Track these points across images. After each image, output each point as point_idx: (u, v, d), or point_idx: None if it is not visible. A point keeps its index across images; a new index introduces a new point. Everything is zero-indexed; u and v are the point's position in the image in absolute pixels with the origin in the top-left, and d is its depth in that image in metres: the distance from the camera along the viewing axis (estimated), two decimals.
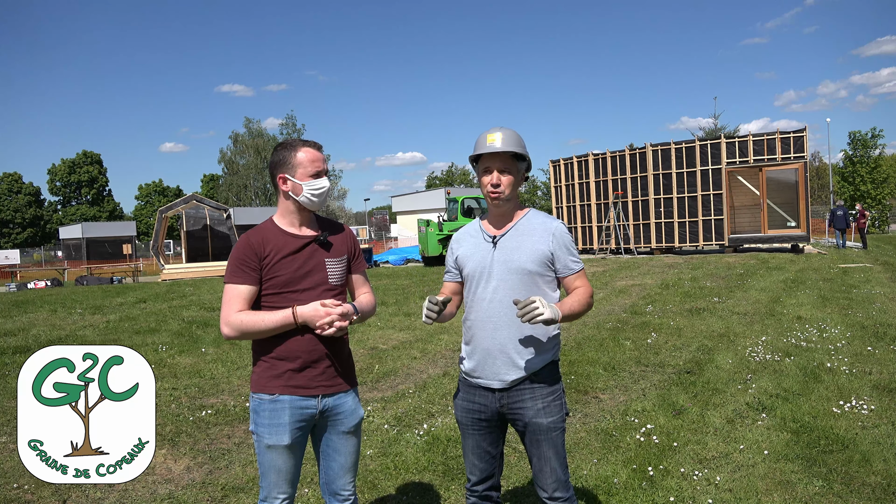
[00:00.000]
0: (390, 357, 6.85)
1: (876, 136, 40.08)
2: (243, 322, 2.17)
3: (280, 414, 2.20)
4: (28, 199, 62.94)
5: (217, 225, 25.79)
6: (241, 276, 2.20)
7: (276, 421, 2.20)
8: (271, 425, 2.20)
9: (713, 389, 5.08)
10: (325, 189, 2.27)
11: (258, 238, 2.24)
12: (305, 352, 2.21)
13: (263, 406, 2.21)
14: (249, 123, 55.91)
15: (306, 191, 2.24)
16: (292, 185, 2.25)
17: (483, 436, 2.35)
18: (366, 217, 57.13)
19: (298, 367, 2.21)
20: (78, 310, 12.28)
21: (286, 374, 2.21)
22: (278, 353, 2.21)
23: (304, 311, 2.18)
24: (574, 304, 2.22)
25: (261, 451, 2.24)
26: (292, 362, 2.21)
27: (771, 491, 3.29)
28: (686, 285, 11.73)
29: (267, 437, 2.20)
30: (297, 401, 2.21)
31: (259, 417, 2.23)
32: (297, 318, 2.17)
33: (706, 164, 18.94)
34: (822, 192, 49.72)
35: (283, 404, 2.20)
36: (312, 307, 2.18)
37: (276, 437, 2.20)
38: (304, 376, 2.22)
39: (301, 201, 2.26)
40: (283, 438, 2.20)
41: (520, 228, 2.31)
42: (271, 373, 2.22)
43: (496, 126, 2.29)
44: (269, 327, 2.17)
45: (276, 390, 2.20)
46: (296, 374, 2.21)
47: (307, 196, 2.25)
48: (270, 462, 2.22)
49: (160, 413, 4.93)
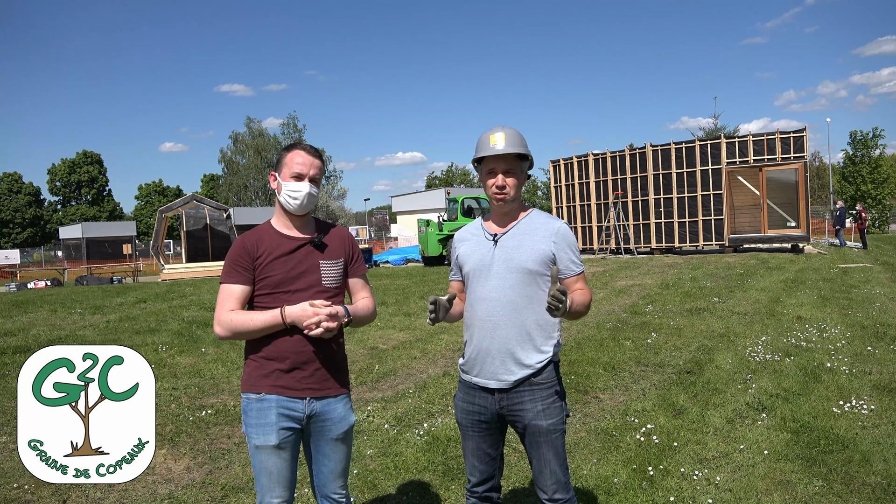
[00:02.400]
0: (390, 357, 6.84)
1: (877, 136, 40.10)
2: (233, 321, 2.17)
3: (266, 413, 2.19)
4: (28, 199, 62.97)
5: (217, 225, 25.80)
6: (234, 276, 2.21)
7: (263, 420, 2.19)
8: (258, 425, 2.19)
9: (713, 389, 5.08)
10: (302, 193, 2.21)
11: (252, 239, 2.25)
12: (294, 353, 2.20)
13: (251, 405, 2.21)
14: (251, 123, 55.90)
15: (284, 191, 2.23)
16: (277, 185, 2.26)
17: (483, 437, 2.33)
18: (366, 217, 57.11)
19: (287, 367, 2.20)
20: (78, 310, 12.27)
21: (274, 373, 2.20)
22: (267, 352, 2.21)
23: (293, 311, 2.17)
24: (580, 304, 2.18)
25: (252, 452, 2.23)
26: (281, 363, 2.20)
27: (771, 491, 3.29)
28: (686, 285, 11.73)
29: (255, 437, 2.19)
30: (283, 401, 2.20)
31: (247, 417, 2.22)
32: (285, 319, 2.16)
33: (706, 164, 18.95)
34: (822, 192, 49.71)
35: (269, 403, 2.19)
36: (300, 307, 2.17)
37: (263, 437, 2.18)
38: (292, 377, 2.20)
39: (280, 201, 2.25)
40: (271, 438, 2.18)
41: (522, 227, 2.28)
42: (259, 372, 2.21)
43: (497, 125, 2.27)
44: (259, 327, 2.17)
45: (263, 389, 2.19)
46: (284, 375, 2.20)
47: (284, 197, 2.23)
48: (260, 463, 2.21)
49: (160, 413, 4.93)
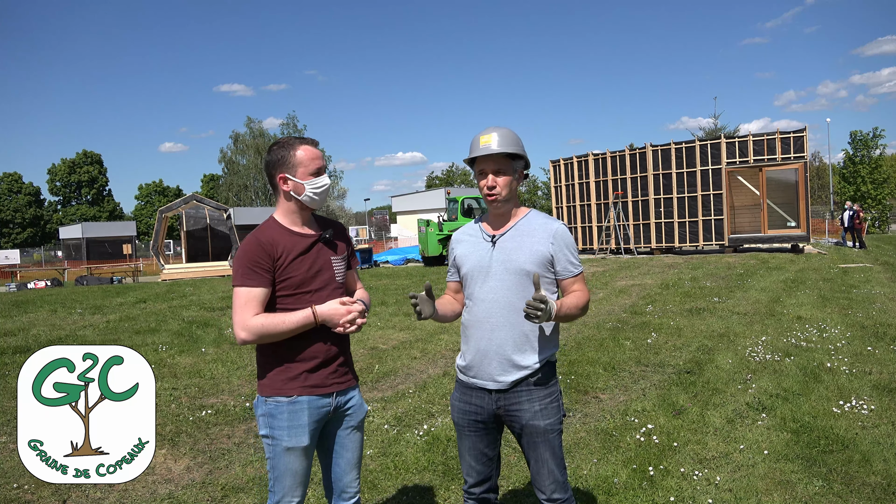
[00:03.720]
0: (390, 357, 6.84)
1: (878, 136, 40.08)
2: (264, 325, 2.11)
3: (299, 415, 2.18)
4: (28, 199, 62.95)
5: (217, 225, 25.78)
6: (254, 279, 2.13)
7: (296, 423, 2.17)
8: (291, 427, 2.17)
9: (713, 389, 5.08)
10: (327, 186, 2.26)
11: (267, 238, 2.18)
12: (322, 351, 2.20)
13: (281, 409, 2.17)
14: (251, 123, 55.87)
15: (308, 189, 2.22)
16: (294, 185, 2.21)
17: (480, 437, 2.33)
18: (366, 217, 57.17)
19: (313, 366, 2.20)
20: (78, 310, 12.27)
21: (301, 375, 2.18)
22: (291, 354, 2.18)
23: (324, 310, 2.16)
24: (571, 307, 2.17)
25: (277, 454, 2.19)
26: (307, 363, 2.19)
27: (771, 491, 3.29)
28: (686, 285, 11.73)
29: (287, 439, 2.17)
30: (314, 400, 2.20)
31: (276, 421, 2.18)
32: (317, 318, 2.16)
33: (706, 164, 18.95)
34: (822, 192, 49.72)
35: (301, 405, 2.18)
36: (332, 306, 2.17)
37: (296, 439, 2.17)
38: (319, 375, 2.21)
39: (304, 200, 2.23)
40: (303, 439, 2.18)
41: (520, 229, 2.28)
42: (286, 375, 2.18)
43: (491, 126, 2.27)
44: (290, 329, 2.14)
45: (294, 392, 2.18)
46: (311, 375, 2.19)
47: (309, 195, 2.22)
48: (287, 465, 2.19)
49: (160, 413, 4.93)
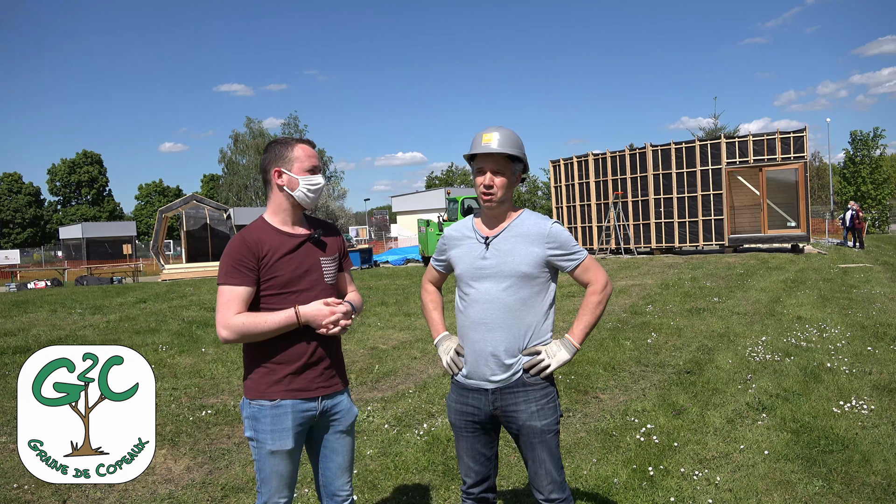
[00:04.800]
0: (390, 357, 6.84)
1: (878, 136, 40.05)
2: (245, 325, 2.09)
3: (282, 419, 2.15)
4: (28, 199, 62.94)
5: (217, 225, 25.81)
6: (237, 277, 2.11)
7: (279, 426, 2.15)
8: (274, 431, 2.15)
9: (713, 389, 5.08)
10: (321, 185, 2.24)
11: (253, 237, 2.16)
12: (306, 354, 2.17)
13: (264, 412, 2.15)
14: (251, 123, 55.75)
15: (303, 184, 2.20)
16: (288, 180, 2.20)
17: (477, 437, 2.33)
18: (366, 217, 57.15)
19: (297, 369, 2.16)
20: (78, 310, 12.27)
21: (286, 378, 2.15)
22: (276, 356, 2.16)
23: (307, 310, 2.13)
24: (587, 321, 2.24)
25: (261, 457, 2.18)
26: (291, 365, 2.16)
27: (771, 491, 3.29)
28: (686, 285, 11.73)
29: (270, 443, 2.15)
30: (298, 404, 2.17)
31: (260, 424, 2.16)
32: (300, 319, 2.12)
33: (706, 164, 18.93)
34: (822, 192, 49.71)
35: (285, 409, 2.15)
36: (315, 307, 2.14)
37: (279, 443, 2.15)
38: (304, 378, 2.17)
39: (297, 196, 2.21)
40: (287, 443, 2.16)
41: (513, 230, 2.27)
42: (270, 378, 2.16)
43: (494, 125, 2.26)
44: (272, 328, 2.11)
45: (278, 395, 2.15)
46: (296, 378, 2.16)
47: (303, 191, 2.20)
48: (272, 468, 2.18)
49: (160, 413, 4.93)
